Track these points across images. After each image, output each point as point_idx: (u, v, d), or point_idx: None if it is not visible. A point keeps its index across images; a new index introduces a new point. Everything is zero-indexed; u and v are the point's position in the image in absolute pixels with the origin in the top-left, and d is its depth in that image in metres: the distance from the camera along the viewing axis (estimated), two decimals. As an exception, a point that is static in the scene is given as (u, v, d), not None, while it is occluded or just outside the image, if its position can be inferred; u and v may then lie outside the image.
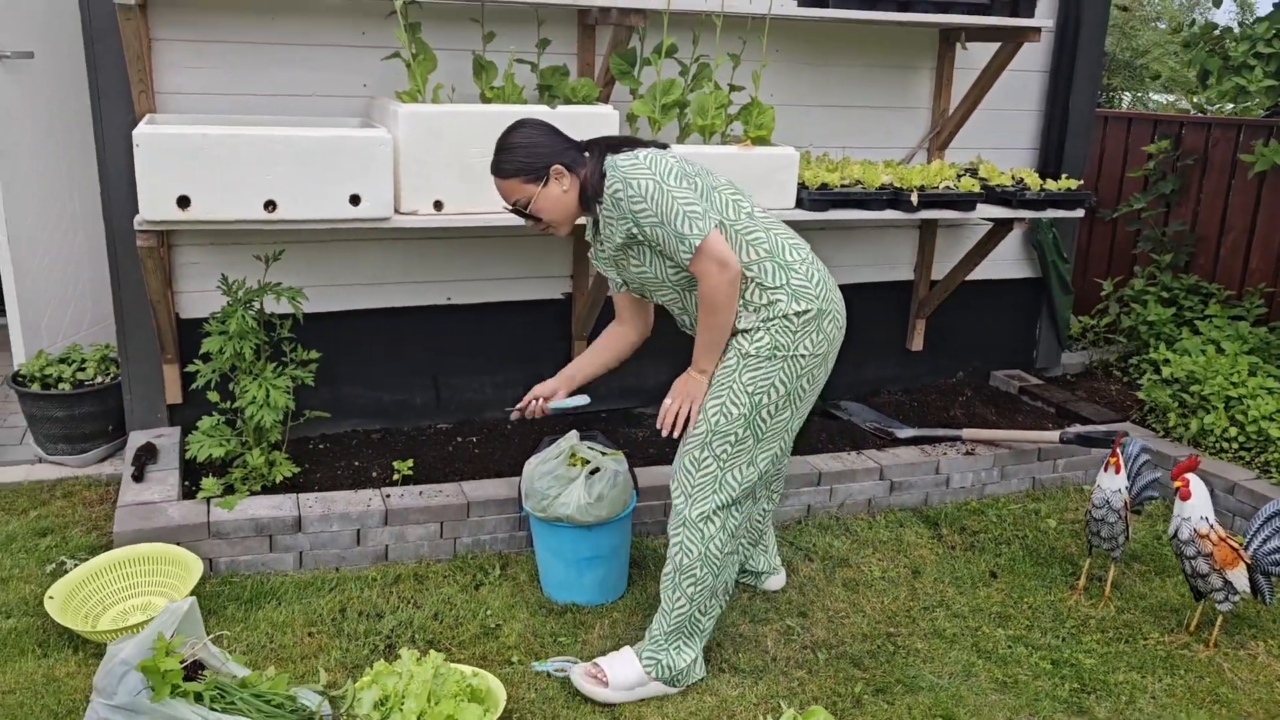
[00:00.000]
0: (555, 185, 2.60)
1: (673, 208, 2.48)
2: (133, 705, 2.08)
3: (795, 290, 2.58)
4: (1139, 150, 5.51)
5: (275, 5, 3.50)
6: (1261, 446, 3.90)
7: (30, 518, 3.44)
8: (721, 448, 2.62)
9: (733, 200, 2.64)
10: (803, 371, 2.63)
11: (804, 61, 4.25)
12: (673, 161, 2.56)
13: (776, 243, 2.63)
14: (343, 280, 3.82)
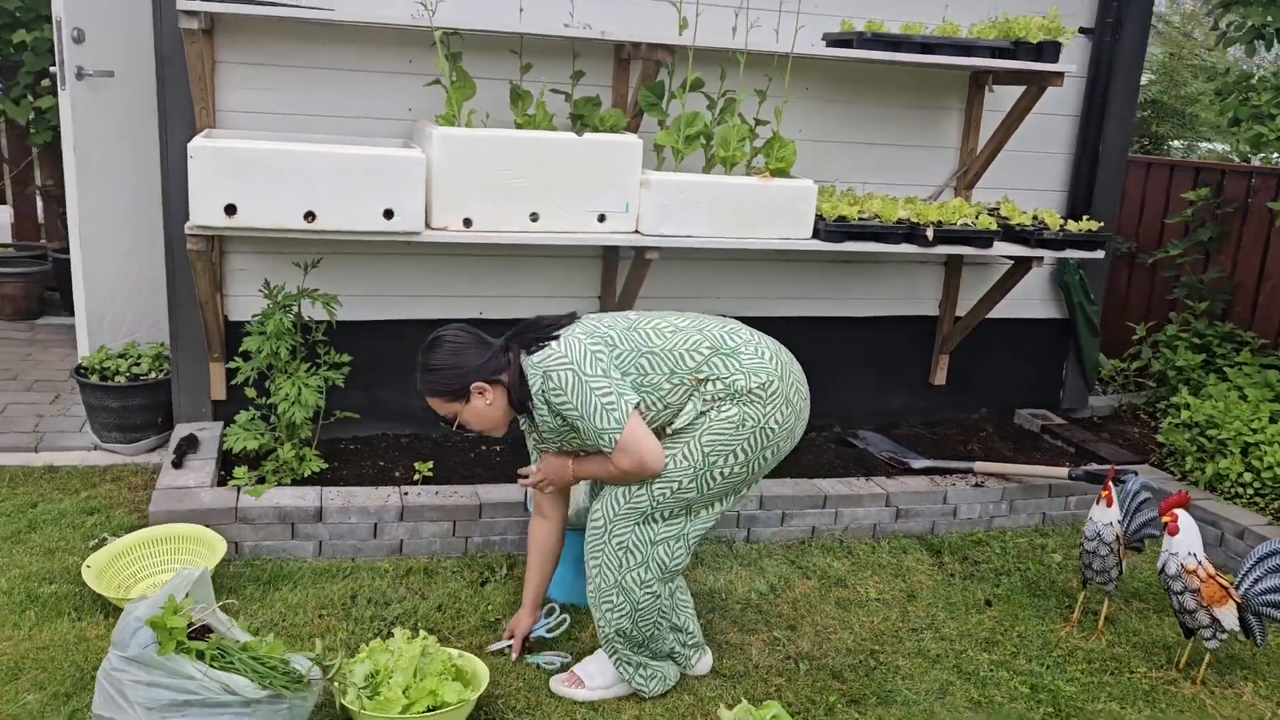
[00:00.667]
0: (478, 400, 2.63)
1: (590, 401, 2.53)
2: (141, 658, 2.28)
3: (749, 368, 2.62)
4: (1181, 197, 5.52)
5: (330, 33, 3.76)
6: (1275, 492, 3.90)
7: (80, 498, 3.71)
8: (660, 486, 2.65)
9: (653, 329, 2.67)
10: (766, 445, 2.66)
11: (833, 99, 4.39)
12: (587, 343, 2.60)
13: (715, 336, 2.67)
14: (382, 291, 4.05)
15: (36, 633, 2.87)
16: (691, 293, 4.38)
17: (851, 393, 4.74)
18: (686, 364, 2.63)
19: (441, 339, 2.68)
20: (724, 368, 2.63)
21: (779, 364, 2.69)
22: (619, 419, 2.54)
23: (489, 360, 2.63)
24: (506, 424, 2.72)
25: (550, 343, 2.62)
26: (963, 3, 4.37)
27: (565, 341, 2.61)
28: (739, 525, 3.80)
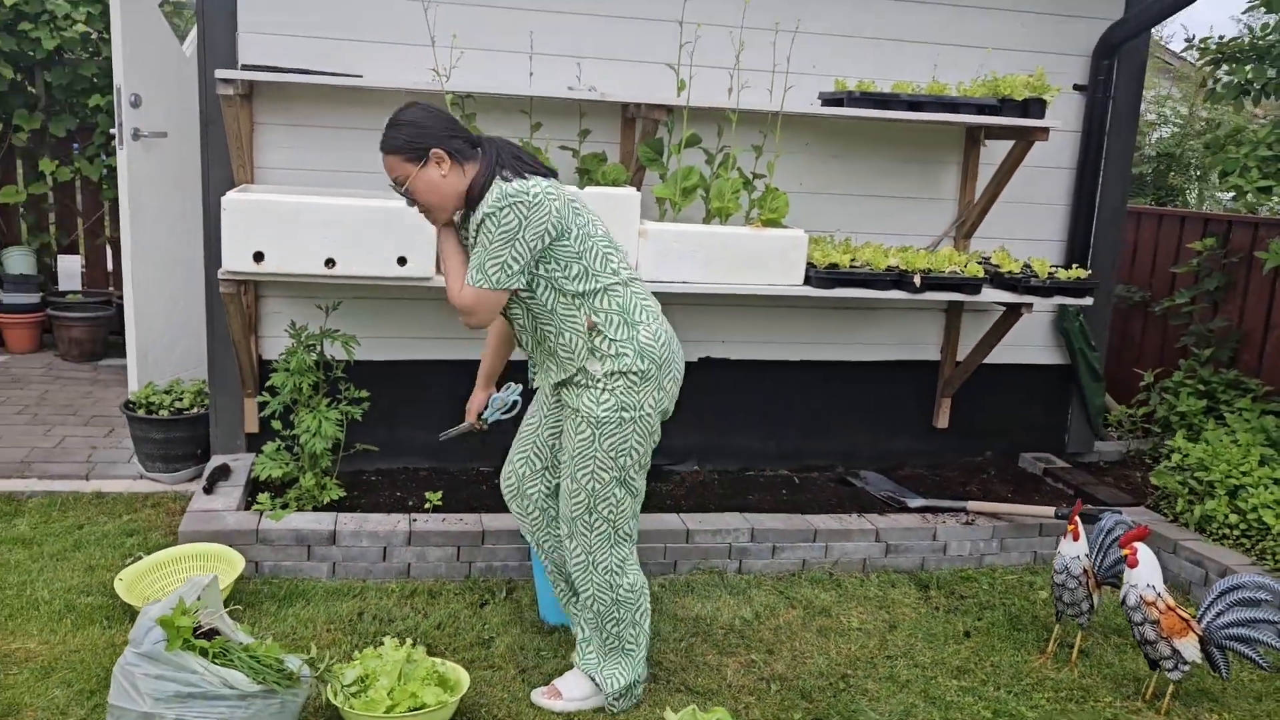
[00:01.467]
0: (434, 168, 2.66)
1: (498, 250, 2.63)
2: (151, 653, 2.55)
3: (641, 347, 2.78)
4: (1188, 247, 5.63)
5: (358, 96, 4.11)
6: (1260, 534, 3.97)
7: (122, 521, 4.03)
8: (606, 508, 2.89)
9: (604, 252, 2.80)
10: (652, 429, 2.87)
11: (833, 154, 4.63)
12: (549, 212, 2.66)
13: (632, 301, 2.81)
14: (398, 333, 4.35)
15: (70, 638, 3.17)
16: (696, 336, 4.61)
17: (854, 435, 4.91)
18: (599, 302, 2.78)
19: (419, 104, 2.74)
20: (617, 332, 2.78)
21: (667, 353, 2.85)
22: (496, 280, 2.65)
23: (456, 138, 2.69)
24: (451, 210, 2.75)
25: (535, 179, 2.67)
26: (953, 63, 4.60)
27: (543, 194, 2.65)
28: (730, 556, 3.99)
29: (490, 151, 2.73)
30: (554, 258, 2.74)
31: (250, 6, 3.98)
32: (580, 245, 2.77)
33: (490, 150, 2.73)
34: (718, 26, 4.18)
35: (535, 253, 2.70)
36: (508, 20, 4.15)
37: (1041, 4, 4.68)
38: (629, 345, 2.79)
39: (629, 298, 2.84)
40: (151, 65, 4.70)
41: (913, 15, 4.55)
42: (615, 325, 2.79)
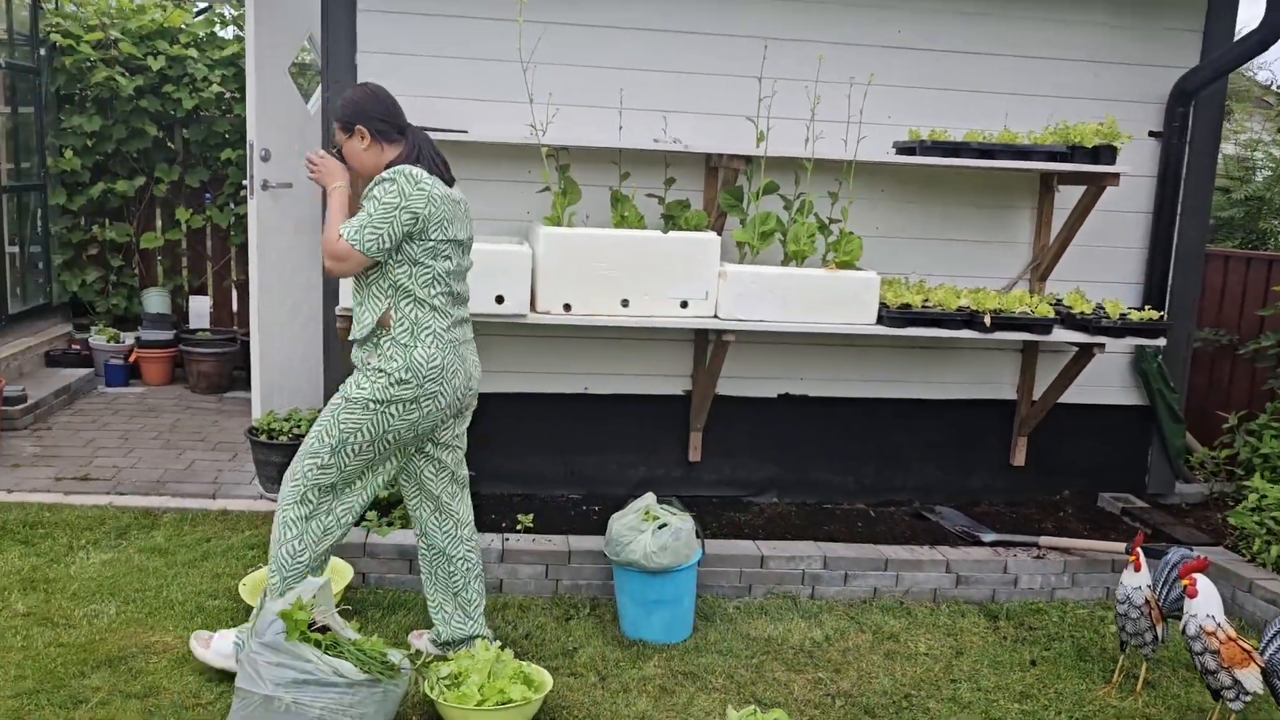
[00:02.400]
0: (357, 141, 3.14)
1: (380, 220, 2.99)
2: (272, 643, 2.87)
3: (411, 361, 3.08)
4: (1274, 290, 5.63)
5: (464, 149, 4.48)
6: (1336, 574, 3.98)
7: (245, 535, 4.42)
8: (309, 468, 3.18)
9: (438, 277, 3.10)
10: (389, 429, 3.15)
11: (909, 200, 4.83)
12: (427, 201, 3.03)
13: (428, 327, 3.10)
14: (497, 367, 4.68)
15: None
16: (773, 373, 4.84)
17: (931, 471, 5.04)
18: (403, 308, 3.09)
19: (367, 85, 3.23)
20: (404, 338, 3.09)
21: (439, 383, 3.13)
22: (366, 247, 3.00)
23: (384, 121, 3.14)
24: (366, 178, 3.17)
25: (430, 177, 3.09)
26: (1029, 112, 4.77)
27: (431, 188, 3.05)
28: (804, 582, 4.17)
29: (413, 141, 3.16)
30: (406, 246, 3.08)
31: (369, 70, 4.40)
32: (422, 254, 3.08)
33: (413, 140, 3.16)
34: (794, 81, 4.46)
35: (403, 233, 3.04)
36: (600, 79, 4.49)
37: (1114, 54, 4.82)
38: (400, 355, 3.09)
39: (428, 323, 3.12)
40: (280, 122, 5.18)
41: (986, 67, 4.75)
42: (400, 332, 3.10)
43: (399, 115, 3.21)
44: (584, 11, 4.48)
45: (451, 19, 4.42)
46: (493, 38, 4.39)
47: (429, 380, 3.14)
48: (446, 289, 3.16)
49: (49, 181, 7.03)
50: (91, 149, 7.12)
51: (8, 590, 3.76)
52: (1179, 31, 4.84)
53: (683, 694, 3.37)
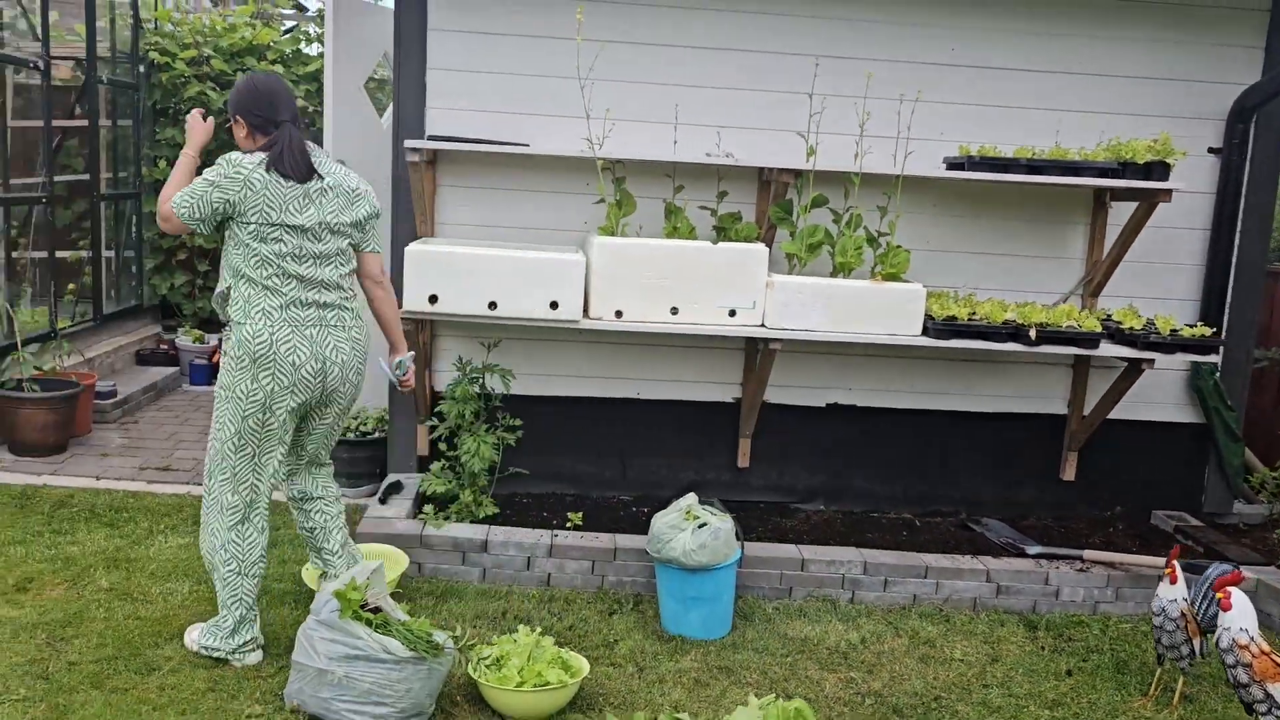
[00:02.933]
0: (238, 129, 3.38)
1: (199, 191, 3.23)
2: (327, 620, 3.08)
3: (241, 337, 3.26)
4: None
5: (525, 163, 4.69)
6: (1387, 596, 3.93)
7: (311, 526, 4.66)
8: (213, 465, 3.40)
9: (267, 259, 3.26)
10: (247, 413, 3.29)
11: (960, 214, 4.89)
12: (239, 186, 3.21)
13: (257, 306, 3.27)
14: (551, 371, 4.86)
15: (266, 614, 3.76)
16: (822, 383, 4.94)
17: (979, 483, 5.08)
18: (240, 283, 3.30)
19: (263, 75, 3.45)
20: (236, 311, 3.29)
21: (268, 348, 3.26)
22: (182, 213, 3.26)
23: (259, 115, 3.33)
24: None
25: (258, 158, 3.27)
26: (1080, 129, 4.80)
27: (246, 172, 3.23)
28: (844, 587, 4.26)
29: (278, 136, 3.31)
30: (233, 227, 3.30)
31: (437, 88, 4.64)
32: (248, 236, 3.27)
33: (279, 136, 3.31)
34: (844, 98, 4.56)
35: (216, 214, 3.27)
36: (655, 95, 4.66)
37: (1172, 71, 4.83)
38: (234, 333, 3.31)
39: (259, 302, 3.29)
40: (355, 136, 5.45)
41: (1041, 84, 4.80)
42: (235, 310, 3.31)
43: (277, 110, 3.35)
44: (640, 30, 4.65)
45: (515, 38, 4.63)
46: (554, 55, 4.59)
47: (260, 354, 3.26)
48: (280, 270, 3.29)
49: (143, 190, 7.44)
50: (183, 160, 7.50)
51: (93, 568, 4.04)
52: (1239, 48, 4.83)
53: (716, 686, 3.49)
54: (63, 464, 5.27)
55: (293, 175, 3.29)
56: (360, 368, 3.51)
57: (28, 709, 3.03)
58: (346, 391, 3.50)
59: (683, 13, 4.65)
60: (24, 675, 3.21)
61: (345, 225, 3.40)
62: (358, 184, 3.46)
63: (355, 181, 3.46)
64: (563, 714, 3.22)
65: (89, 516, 4.57)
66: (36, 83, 6.18)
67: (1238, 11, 4.79)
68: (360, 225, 3.46)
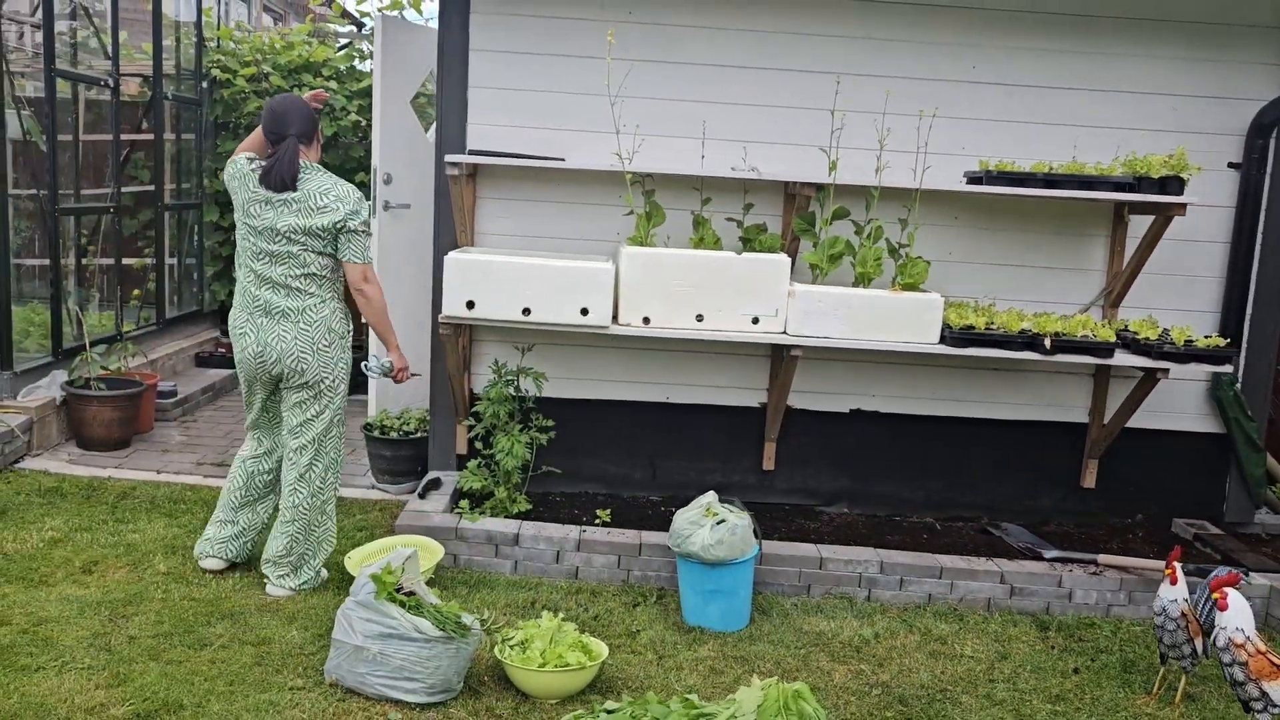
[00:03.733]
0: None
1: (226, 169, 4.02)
2: (364, 601, 3.32)
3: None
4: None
5: (561, 176, 4.92)
6: (1395, 602, 4.00)
7: (356, 519, 4.93)
8: None
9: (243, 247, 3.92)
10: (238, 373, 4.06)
11: (982, 226, 5.03)
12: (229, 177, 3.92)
13: (241, 281, 3.95)
14: (582, 375, 5.08)
15: (309, 598, 4.02)
16: (846, 389, 5.10)
17: (1000, 489, 5.20)
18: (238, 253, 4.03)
19: (279, 98, 3.96)
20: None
21: (237, 328, 3.96)
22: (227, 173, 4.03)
23: (272, 131, 3.85)
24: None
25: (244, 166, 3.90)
26: (1098, 144, 4.92)
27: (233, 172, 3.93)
28: (860, 585, 4.41)
29: (281, 151, 3.83)
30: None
31: (478, 105, 4.89)
32: (238, 230, 3.93)
33: (281, 151, 3.83)
34: (865, 113, 4.74)
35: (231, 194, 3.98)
36: (684, 111, 4.87)
37: (1191, 87, 4.94)
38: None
39: (239, 279, 3.98)
40: (401, 150, 5.73)
41: (1062, 100, 4.93)
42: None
43: (286, 126, 3.85)
44: (668, 50, 4.87)
45: (551, 57, 4.87)
46: (587, 74, 4.82)
47: (231, 330, 4.01)
48: (245, 263, 3.93)
49: (204, 201, 7.81)
50: (242, 172, 7.87)
51: (152, 554, 4.33)
52: (1258, 65, 4.92)
53: (731, 674, 3.67)
54: (126, 458, 5.60)
55: (268, 185, 3.82)
56: (305, 357, 3.91)
57: (91, 676, 3.30)
58: (298, 375, 3.94)
59: (709, 33, 4.86)
60: (89, 647, 3.49)
61: (299, 232, 3.82)
62: (330, 200, 3.84)
63: (329, 198, 3.84)
64: (582, 694, 3.42)
65: (149, 507, 4.88)
66: (106, 99, 6.57)
67: (1256, 29, 4.88)
68: (319, 233, 3.84)
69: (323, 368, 3.94)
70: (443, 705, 3.30)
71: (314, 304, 3.90)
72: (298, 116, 3.86)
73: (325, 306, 3.92)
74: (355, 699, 3.28)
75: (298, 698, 3.26)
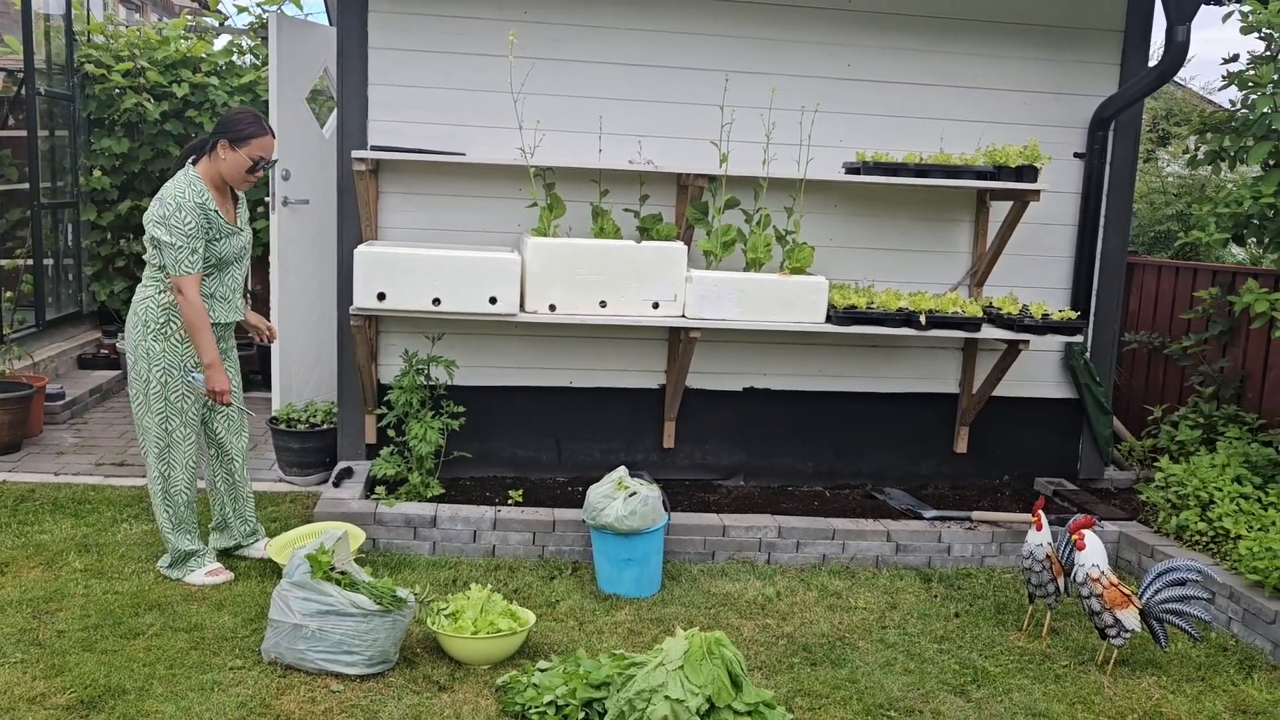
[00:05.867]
0: None
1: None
2: (300, 581, 3.44)
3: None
4: (1194, 296, 6.20)
5: (462, 170, 5.08)
6: (1224, 540, 4.54)
7: (266, 512, 4.98)
8: None
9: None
10: None
11: (859, 214, 5.42)
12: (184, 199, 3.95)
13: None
14: (492, 363, 5.26)
15: (234, 587, 4.10)
16: (740, 369, 5.42)
17: (884, 458, 5.61)
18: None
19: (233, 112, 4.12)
20: None
21: None
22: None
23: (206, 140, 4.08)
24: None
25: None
26: (962, 136, 5.36)
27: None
28: (760, 550, 4.73)
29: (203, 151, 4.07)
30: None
31: (379, 102, 5.00)
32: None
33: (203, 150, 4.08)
34: (752, 109, 5.06)
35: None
36: (582, 107, 5.09)
37: (1042, 84, 5.42)
38: None
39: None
40: (298, 146, 5.78)
41: (929, 96, 5.35)
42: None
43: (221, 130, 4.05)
44: (567, 49, 5.08)
45: (452, 55, 5.02)
46: (489, 72, 5.00)
47: None
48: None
49: (81, 199, 7.63)
50: (119, 169, 7.72)
51: (65, 552, 4.32)
52: (1099, 64, 5.44)
53: (648, 634, 3.93)
54: (19, 462, 5.50)
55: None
56: (128, 343, 4.11)
57: (26, 669, 3.34)
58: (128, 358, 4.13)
59: (606, 33, 5.10)
60: (17, 643, 3.51)
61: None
62: (153, 204, 3.98)
63: (155, 202, 3.98)
64: (513, 659, 3.62)
65: (53, 508, 4.83)
66: (-22, 95, 6.37)
67: (1096, 32, 5.40)
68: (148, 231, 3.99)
69: (134, 355, 4.06)
70: (381, 676, 3.45)
71: (143, 295, 4.04)
72: (218, 126, 4.04)
73: (151, 300, 4.02)
74: (296, 674, 3.41)
75: (240, 676, 3.37)
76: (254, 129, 3.99)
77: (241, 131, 3.97)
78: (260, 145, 4.00)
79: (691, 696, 3.04)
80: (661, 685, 3.07)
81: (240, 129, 3.98)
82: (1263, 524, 4.44)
